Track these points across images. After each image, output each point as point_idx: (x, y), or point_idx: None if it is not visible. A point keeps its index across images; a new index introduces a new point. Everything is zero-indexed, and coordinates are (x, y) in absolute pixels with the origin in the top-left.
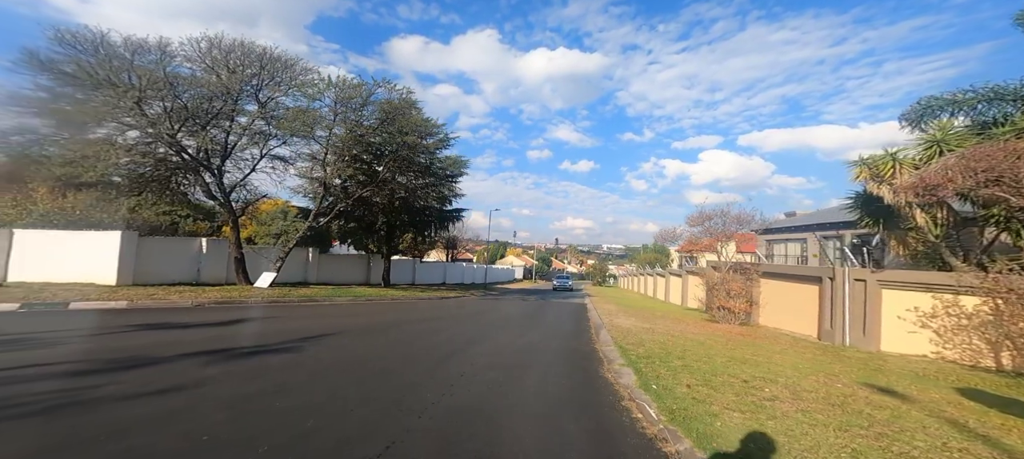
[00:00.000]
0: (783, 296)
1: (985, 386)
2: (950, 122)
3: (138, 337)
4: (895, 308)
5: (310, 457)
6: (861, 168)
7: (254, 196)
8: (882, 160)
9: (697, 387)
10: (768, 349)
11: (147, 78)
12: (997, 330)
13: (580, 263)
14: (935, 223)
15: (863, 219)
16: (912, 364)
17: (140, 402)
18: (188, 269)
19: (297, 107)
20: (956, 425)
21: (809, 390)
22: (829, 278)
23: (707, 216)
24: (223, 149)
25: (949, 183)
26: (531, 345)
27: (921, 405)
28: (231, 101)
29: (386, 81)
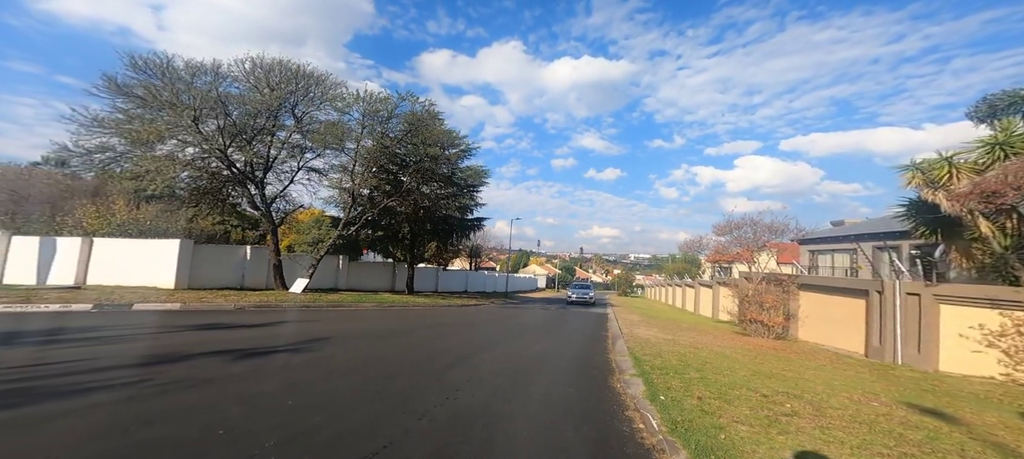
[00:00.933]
0: (825, 310)
1: None
2: (1014, 122)
3: (184, 336)
4: (956, 325)
5: (309, 451)
6: (913, 173)
7: (292, 206)
8: (936, 164)
9: (709, 400)
10: (801, 365)
11: (202, 97)
12: None
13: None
14: (1003, 233)
15: (918, 228)
16: (974, 386)
17: (171, 395)
18: (234, 274)
19: (328, 121)
20: (1003, 449)
21: (837, 407)
22: (877, 291)
23: (736, 225)
24: (265, 162)
25: (1010, 189)
26: (543, 353)
27: (968, 428)
28: (272, 117)
29: (411, 94)
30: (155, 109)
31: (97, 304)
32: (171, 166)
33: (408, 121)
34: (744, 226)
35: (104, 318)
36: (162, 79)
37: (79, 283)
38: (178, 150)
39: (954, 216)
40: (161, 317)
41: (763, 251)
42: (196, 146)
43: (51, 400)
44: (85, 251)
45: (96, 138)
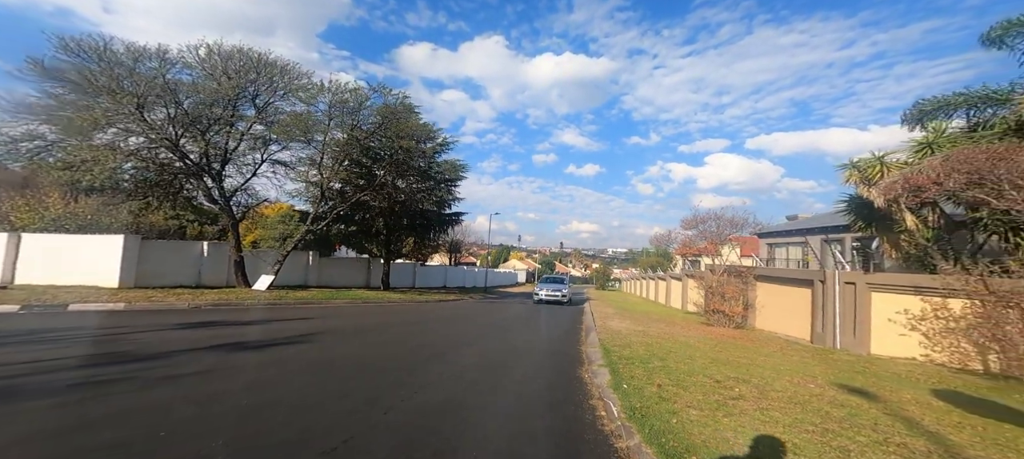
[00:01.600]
0: (778, 299)
1: (964, 388)
2: (942, 124)
3: (126, 337)
4: (885, 311)
5: (262, 449)
6: (850, 171)
7: (255, 200)
8: (871, 163)
9: (668, 387)
10: (755, 352)
11: (147, 84)
12: (983, 332)
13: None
14: (926, 226)
15: (856, 222)
16: (898, 367)
17: (107, 399)
18: (190, 272)
19: (294, 112)
20: (909, 423)
21: (778, 390)
22: (820, 281)
23: (701, 219)
24: (223, 154)
25: (931, 185)
26: (516, 347)
27: (885, 404)
28: (230, 106)
29: (383, 86)
30: (91, 95)
31: (25, 305)
32: (111, 156)
33: (381, 113)
34: (709, 220)
35: (32, 320)
36: (99, 63)
37: (5, 283)
38: (120, 139)
39: (885, 211)
40: (101, 318)
41: (727, 245)
42: (142, 135)
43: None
44: (12, 248)
45: (22, 125)
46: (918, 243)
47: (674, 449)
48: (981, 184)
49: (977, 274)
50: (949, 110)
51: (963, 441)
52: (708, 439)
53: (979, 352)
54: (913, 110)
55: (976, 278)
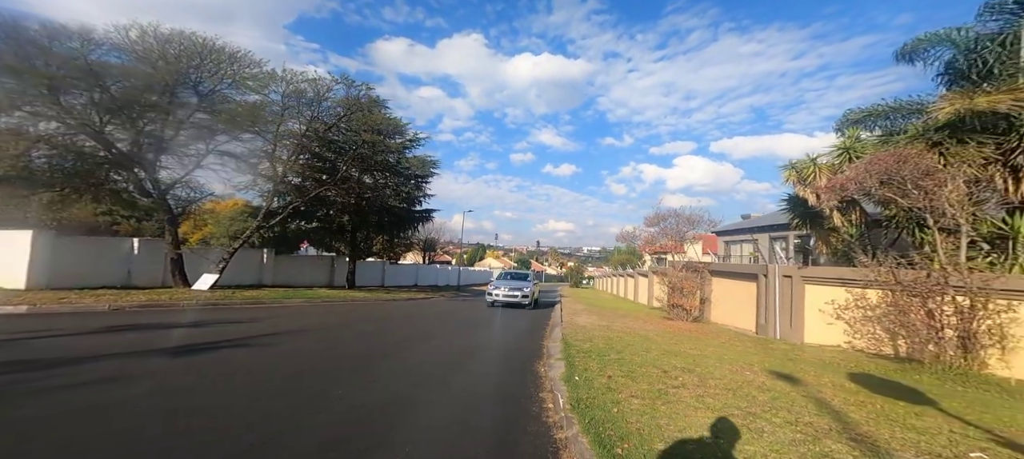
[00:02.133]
0: (730, 293)
1: (876, 371)
2: (856, 131)
3: (20, 344)
4: (816, 302)
5: (164, 452)
6: (789, 172)
7: (199, 194)
8: (805, 165)
9: (618, 378)
10: (705, 343)
11: (64, 64)
12: (892, 320)
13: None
14: (851, 223)
15: (795, 220)
16: (825, 353)
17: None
18: (117, 272)
19: (244, 101)
20: (820, 404)
21: (717, 378)
22: (763, 275)
23: (663, 216)
24: (158, 143)
25: (850, 184)
26: (479, 343)
27: (804, 388)
28: (168, 93)
29: (346, 77)
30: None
31: None
32: (13, 142)
33: (344, 105)
34: (669, 218)
35: None
36: (6, 40)
37: None
38: (28, 123)
39: (817, 209)
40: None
41: (688, 241)
42: (56, 120)
43: None
44: None
45: None
46: (844, 239)
47: (609, 437)
48: (891, 184)
49: (887, 266)
50: (872, 119)
51: (860, 418)
52: (643, 426)
53: (890, 338)
54: (843, 119)
55: (886, 270)
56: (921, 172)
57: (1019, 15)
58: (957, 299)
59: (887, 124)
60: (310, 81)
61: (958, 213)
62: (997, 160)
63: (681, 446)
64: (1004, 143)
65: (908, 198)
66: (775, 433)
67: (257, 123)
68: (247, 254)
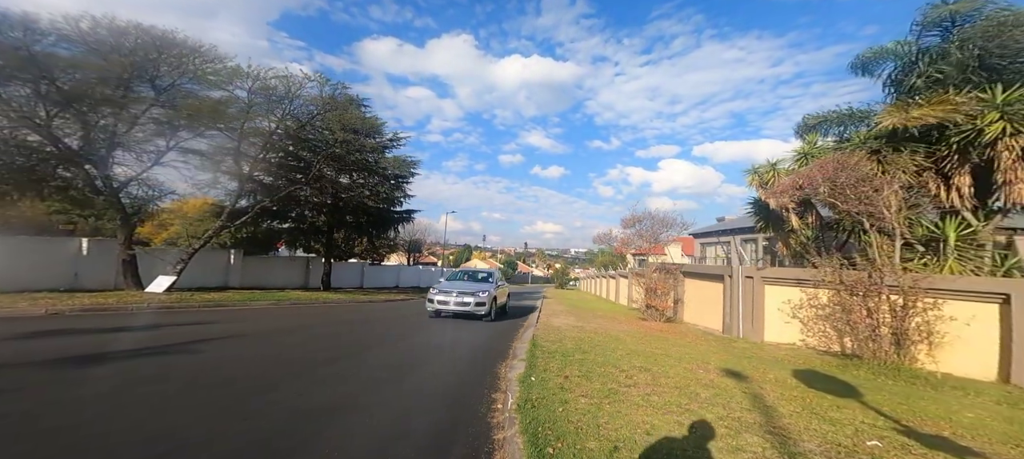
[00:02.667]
0: (701, 294)
1: (821, 367)
2: (816, 136)
3: None
4: (775, 302)
5: None
6: (752, 176)
7: (158, 192)
8: (766, 169)
9: (575, 377)
10: (672, 343)
11: (3, 55)
12: (839, 318)
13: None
14: (807, 226)
15: (759, 222)
16: (780, 352)
17: None
18: (62, 273)
19: (206, 97)
20: (756, 399)
21: (671, 377)
22: (728, 276)
23: (638, 218)
24: (110, 138)
25: (794, 189)
26: (444, 344)
27: (747, 384)
28: (122, 87)
29: (320, 75)
30: None
31: None
32: None
33: (317, 103)
34: (644, 220)
35: None
36: None
37: None
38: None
39: (778, 212)
40: None
41: (666, 243)
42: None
43: None
44: None
45: None
46: (800, 241)
47: (545, 437)
48: (833, 189)
49: (833, 267)
50: (826, 125)
51: (787, 412)
52: (582, 425)
53: (838, 335)
54: (802, 124)
55: (832, 271)
56: (857, 178)
57: (950, 31)
58: (891, 298)
59: (840, 131)
60: (280, 78)
61: (893, 217)
62: (929, 168)
63: (611, 444)
64: (936, 152)
65: (847, 203)
66: (704, 428)
67: (220, 119)
68: (212, 255)
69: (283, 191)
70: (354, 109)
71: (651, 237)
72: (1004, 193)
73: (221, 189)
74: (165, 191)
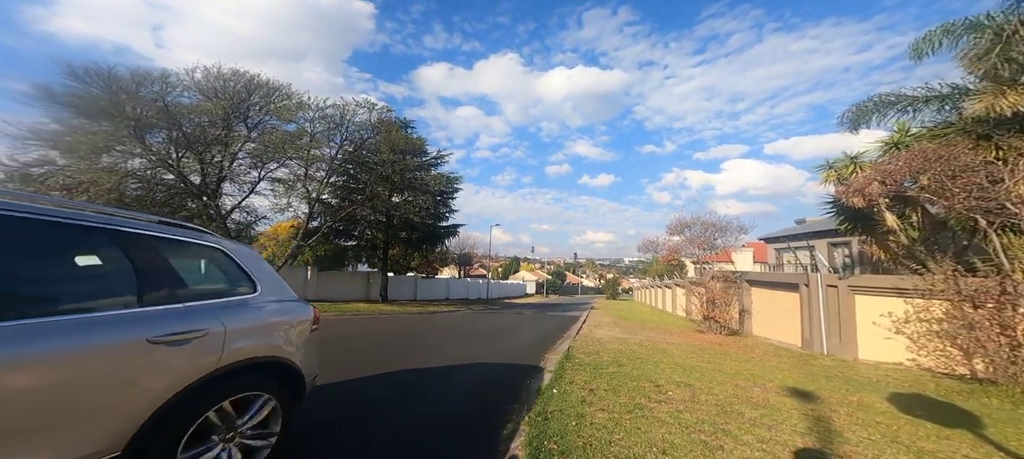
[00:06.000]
0: (772, 305)
1: (935, 392)
2: (906, 124)
3: None
4: (870, 314)
5: None
6: (828, 172)
7: (253, 217)
8: (844, 164)
9: (601, 391)
10: (730, 357)
11: (147, 108)
12: (964, 335)
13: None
14: (911, 225)
15: (844, 224)
16: (879, 372)
17: None
18: None
19: (284, 130)
20: (819, 422)
21: (714, 394)
22: (805, 285)
23: (686, 224)
24: (218, 173)
25: (876, 183)
26: (477, 353)
27: (815, 406)
28: (225, 127)
29: (368, 101)
30: (93, 118)
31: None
32: (109, 177)
33: (367, 127)
34: (694, 225)
35: None
36: (104, 89)
37: None
38: (121, 161)
39: (867, 211)
40: None
41: (735, 250)
42: (142, 156)
43: None
44: None
45: (33, 152)
46: (901, 243)
47: (549, 450)
48: (930, 183)
49: (944, 274)
50: (884, 110)
51: (856, 439)
52: (592, 441)
53: (965, 356)
54: (849, 113)
55: (942, 278)
56: (958, 168)
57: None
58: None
59: (936, 113)
60: (335, 106)
61: (1022, 211)
62: None
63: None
64: None
65: (952, 198)
66: (733, 452)
67: (293, 149)
68: (294, 272)
69: (344, 211)
70: (397, 131)
71: (704, 243)
72: None
73: (296, 212)
74: (259, 216)
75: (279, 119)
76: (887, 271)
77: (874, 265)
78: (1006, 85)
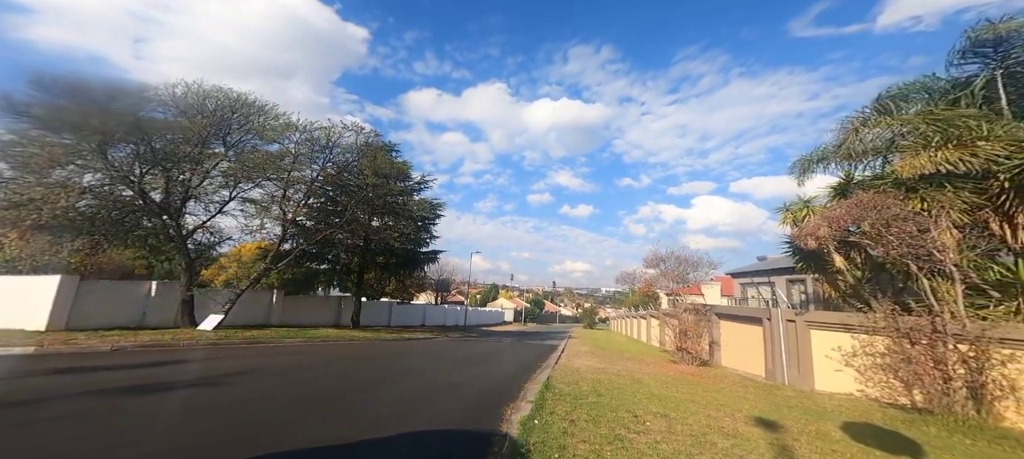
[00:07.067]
0: (739, 338)
1: (882, 421)
2: (851, 172)
3: None
4: (823, 348)
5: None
6: (785, 214)
7: (218, 238)
8: (798, 207)
9: (581, 421)
10: (703, 388)
11: (117, 121)
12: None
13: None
14: (855, 265)
15: (799, 263)
16: (832, 402)
17: None
18: (132, 313)
19: (265, 150)
20: (783, 451)
21: (689, 424)
22: (767, 319)
23: (661, 258)
24: (184, 191)
25: (818, 230)
26: (458, 382)
27: (780, 436)
28: (201, 144)
29: (356, 124)
30: (55, 130)
31: None
32: (62, 194)
33: (352, 151)
34: (668, 259)
35: None
36: (72, 100)
37: None
38: (76, 176)
39: (819, 251)
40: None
41: (704, 283)
42: (100, 172)
43: None
44: None
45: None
46: (849, 282)
47: None
48: (870, 230)
49: (884, 312)
50: (824, 163)
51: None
52: None
53: (906, 387)
54: (797, 164)
55: (883, 316)
56: (893, 218)
57: (991, 60)
58: (961, 348)
59: (843, 168)
60: (323, 129)
61: (949, 259)
62: (986, 205)
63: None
64: (989, 188)
65: (888, 245)
66: None
67: (273, 170)
68: (258, 295)
69: (321, 234)
70: (383, 155)
71: (677, 277)
72: None
73: (268, 233)
74: (225, 237)
75: (262, 139)
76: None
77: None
78: (919, 146)
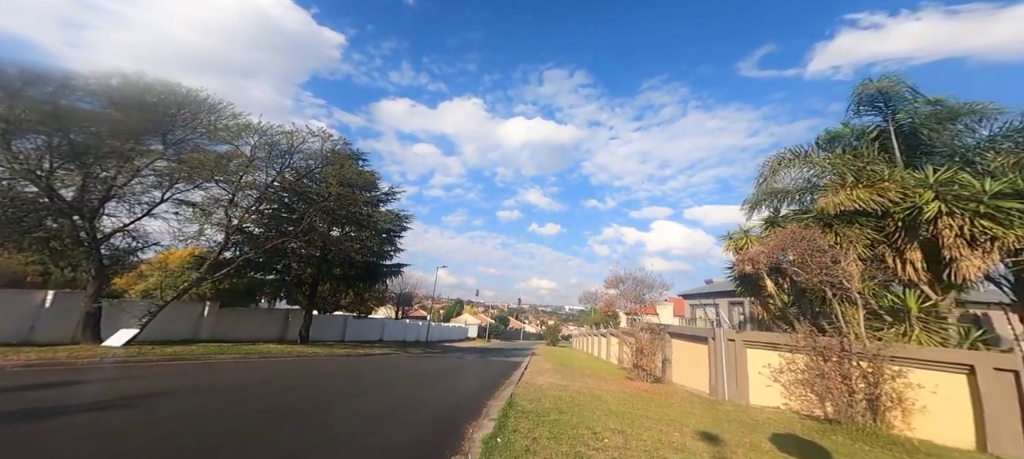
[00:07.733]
0: (688, 356)
1: (801, 432)
2: (780, 208)
3: None
4: (756, 365)
5: None
6: (729, 242)
7: (142, 243)
8: (739, 236)
9: (543, 439)
10: (656, 404)
11: (30, 110)
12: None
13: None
14: (783, 291)
15: (738, 287)
16: (763, 415)
17: None
18: (17, 327)
19: (211, 151)
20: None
21: (643, 440)
22: (712, 339)
23: (620, 279)
24: (106, 190)
25: (755, 259)
26: (418, 401)
27: (720, 448)
28: (132, 140)
29: (322, 131)
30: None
31: None
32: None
33: (317, 158)
34: (627, 281)
35: None
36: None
37: None
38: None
39: (754, 277)
40: None
41: (659, 304)
42: (1, 164)
43: None
44: None
45: None
46: (778, 305)
47: None
48: (796, 259)
49: (804, 333)
50: (769, 200)
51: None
52: None
53: (820, 401)
54: (749, 200)
55: (803, 337)
56: (814, 250)
57: (883, 113)
58: (862, 364)
59: (799, 204)
60: (285, 133)
61: (854, 288)
62: (883, 242)
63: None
64: (886, 227)
65: (809, 273)
66: None
67: (221, 172)
68: (184, 307)
69: (271, 243)
70: (350, 164)
71: (634, 297)
72: (953, 269)
73: (207, 240)
74: (150, 242)
75: (211, 139)
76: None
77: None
78: (837, 186)
